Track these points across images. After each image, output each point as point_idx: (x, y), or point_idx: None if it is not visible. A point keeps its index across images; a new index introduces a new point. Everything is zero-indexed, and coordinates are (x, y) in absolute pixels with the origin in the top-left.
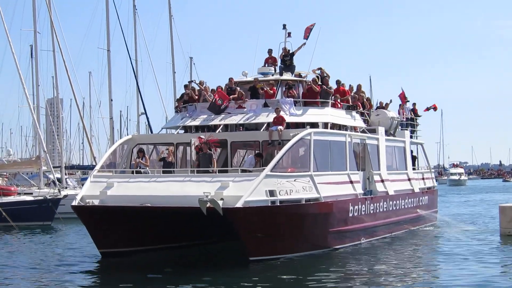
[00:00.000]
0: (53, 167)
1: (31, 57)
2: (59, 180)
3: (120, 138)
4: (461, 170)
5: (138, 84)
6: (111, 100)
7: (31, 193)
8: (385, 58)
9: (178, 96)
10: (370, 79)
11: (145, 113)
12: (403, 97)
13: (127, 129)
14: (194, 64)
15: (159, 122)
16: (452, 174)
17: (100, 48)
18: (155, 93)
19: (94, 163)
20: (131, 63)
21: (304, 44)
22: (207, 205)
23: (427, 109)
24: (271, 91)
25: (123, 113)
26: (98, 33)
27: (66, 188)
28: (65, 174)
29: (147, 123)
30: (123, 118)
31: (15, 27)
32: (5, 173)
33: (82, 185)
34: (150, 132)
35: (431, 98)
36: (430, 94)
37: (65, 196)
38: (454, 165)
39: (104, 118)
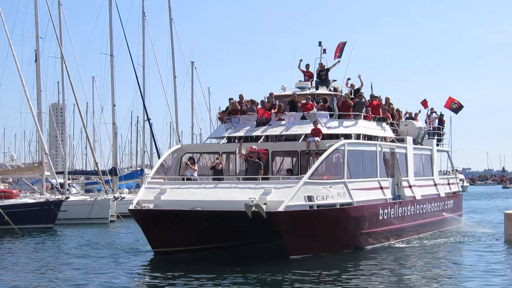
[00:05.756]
0: (56, 172)
1: (35, 62)
2: (62, 185)
3: (125, 143)
4: (461, 176)
5: (141, 90)
6: (114, 105)
7: (34, 199)
8: (388, 65)
9: (179, 101)
10: (372, 87)
11: (148, 119)
12: (425, 104)
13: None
14: (195, 68)
15: (163, 127)
16: None
17: (103, 53)
18: (161, 98)
19: (96, 169)
20: (134, 68)
21: (339, 61)
22: (252, 209)
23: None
24: (308, 106)
25: (128, 118)
26: (101, 38)
27: (68, 192)
28: (68, 179)
29: (150, 129)
30: (132, 123)
31: (17, 32)
32: (7, 179)
33: (86, 190)
34: (153, 139)
35: (439, 104)
36: (438, 100)
37: (67, 198)
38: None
39: (107, 124)
